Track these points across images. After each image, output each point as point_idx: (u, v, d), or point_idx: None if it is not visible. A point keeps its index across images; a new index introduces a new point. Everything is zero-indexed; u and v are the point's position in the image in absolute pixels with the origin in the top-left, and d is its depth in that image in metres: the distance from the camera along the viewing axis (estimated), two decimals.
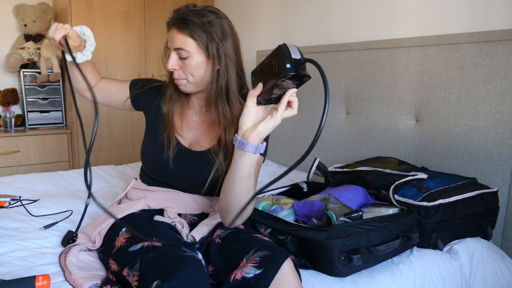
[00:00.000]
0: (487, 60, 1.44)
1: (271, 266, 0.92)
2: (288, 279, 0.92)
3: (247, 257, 0.96)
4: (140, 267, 0.93)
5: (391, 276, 1.14)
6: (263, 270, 0.92)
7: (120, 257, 1.01)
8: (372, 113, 1.84)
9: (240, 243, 1.02)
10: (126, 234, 1.07)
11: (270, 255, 0.94)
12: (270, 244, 1.00)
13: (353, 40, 2.00)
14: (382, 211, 1.26)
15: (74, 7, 2.59)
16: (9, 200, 1.55)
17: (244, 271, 0.93)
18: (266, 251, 0.96)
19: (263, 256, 0.94)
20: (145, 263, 0.93)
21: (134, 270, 0.93)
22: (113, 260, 1.03)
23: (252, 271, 0.92)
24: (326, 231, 1.08)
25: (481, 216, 1.36)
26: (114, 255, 1.03)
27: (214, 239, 1.07)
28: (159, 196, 1.22)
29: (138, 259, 0.95)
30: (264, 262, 0.93)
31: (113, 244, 1.07)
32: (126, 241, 1.05)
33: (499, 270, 1.34)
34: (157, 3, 2.90)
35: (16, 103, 2.82)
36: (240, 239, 1.03)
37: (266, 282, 0.90)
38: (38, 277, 0.89)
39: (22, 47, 2.79)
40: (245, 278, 0.92)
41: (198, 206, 1.22)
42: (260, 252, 0.96)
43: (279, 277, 0.91)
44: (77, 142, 2.74)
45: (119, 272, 0.99)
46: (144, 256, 0.94)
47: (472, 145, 1.50)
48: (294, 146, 2.28)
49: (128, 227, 0.95)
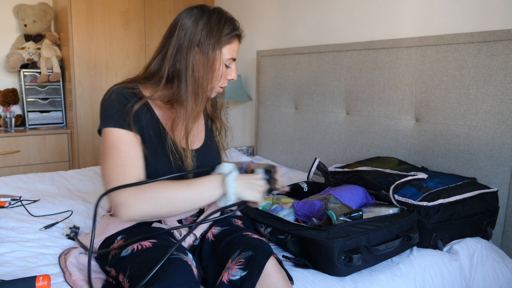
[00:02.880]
0: (487, 60, 1.44)
1: (256, 268, 0.94)
2: (271, 277, 0.94)
3: (232, 258, 0.98)
4: (129, 272, 0.93)
5: (391, 276, 1.14)
6: (248, 272, 0.93)
7: (114, 264, 1.01)
8: (372, 113, 1.84)
9: (228, 242, 1.04)
10: (120, 242, 1.06)
11: (254, 255, 0.96)
12: (255, 242, 1.01)
13: (353, 40, 2.01)
14: (382, 211, 1.26)
15: (74, 7, 2.59)
16: (9, 200, 1.56)
17: (231, 273, 0.95)
18: (250, 251, 0.97)
19: (248, 257, 0.96)
20: (133, 267, 0.93)
21: (126, 276, 0.94)
22: (109, 267, 1.03)
23: (238, 273, 0.94)
24: (326, 231, 1.08)
25: (481, 216, 1.36)
26: (110, 262, 1.03)
27: (207, 238, 1.09)
28: None
29: (128, 265, 0.95)
30: (248, 263, 0.95)
31: (109, 253, 1.06)
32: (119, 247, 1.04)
33: (499, 270, 1.34)
34: (157, 3, 2.90)
35: (16, 103, 2.82)
36: (229, 238, 1.05)
37: (251, 283, 0.92)
38: (39, 278, 0.89)
39: (22, 47, 2.79)
40: (232, 281, 0.94)
41: None
42: (245, 252, 0.97)
43: (263, 276, 0.94)
44: (77, 142, 2.75)
45: (116, 277, 0.99)
46: (133, 260, 0.95)
47: (472, 145, 1.50)
48: (294, 146, 2.28)
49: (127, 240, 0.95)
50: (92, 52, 2.70)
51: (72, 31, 2.61)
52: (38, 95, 2.79)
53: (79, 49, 2.66)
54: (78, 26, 2.63)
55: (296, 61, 2.22)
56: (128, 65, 2.85)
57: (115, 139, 1.00)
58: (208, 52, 1.06)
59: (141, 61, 2.89)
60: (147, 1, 2.85)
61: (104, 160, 0.99)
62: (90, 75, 2.72)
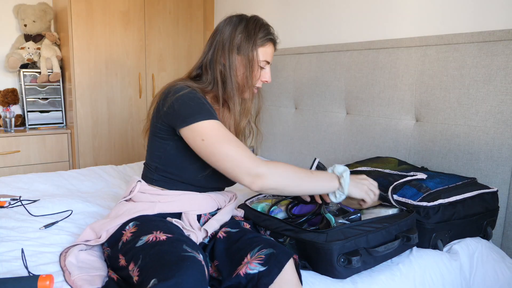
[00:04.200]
0: (487, 60, 1.44)
1: (276, 265, 0.95)
2: (287, 277, 0.95)
3: (251, 254, 0.99)
4: (141, 262, 0.94)
5: (390, 276, 1.14)
6: (268, 268, 0.95)
7: (126, 252, 1.02)
8: (372, 113, 1.84)
9: (245, 241, 1.05)
10: (132, 229, 1.08)
11: (275, 253, 0.97)
12: (275, 242, 1.03)
13: (353, 40, 2.00)
14: (381, 212, 1.26)
15: (74, 7, 2.59)
16: (9, 200, 1.55)
17: (249, 267, 0.96)
18: (271, 249, 0.99)
19: (268, 254, 0.97)
20: (146, 258, 0.94)
21: (137, 265, 0.95)
22: (122, 255, 1.03)
23: (257, 267, 0.95)
24: (325, 233, 1.07)
25: (481, 216, 1.36)
26: (121, 249, 1.04)
27: (219, 236, 1.10)
28: (177, 199, 1.19)
29: (140, 255, 0.96)
30: (269, 260, 0.96)
31: (120, 239, 1.08)
32: (132, 235, 1.05)
33: (499, 270, 1.34)
34: (157, 3, 2.90)
35: (16, 103, 2.82)
36: (246, 237, 1.06)
37: (270, 279, 0.93)
38: (42, 277, 0.89)
39: (22, 47, 2.80)
40: (249, 274, 0.95)
41: (215, 203, 1.24)
42: (266, 249, 0.98)
43: (281, 276, 0.94)
44: (77, 142, 2.75)
45: (126, 267, 1.00)
46: (147, 251, 0.96)
47: (472, 145, 1.50)
48: (294, 146, 2.28)
49: None
50: (92, 52, 2.70)
51: (72, 31, 2.61)
52: (38, 95, 2.79)
53: (79, 49, 2.66)
54: (78, 26, 2.63)
55: (296, 61, 2.22)
56: (128, 65, 2.85)
57: (222, 128, 1.11)
58: (247, 53, 1.19)
59: (141, 60, 2.90)
60: (147, 1, 2.85)
61: (223, 147, 1.07)
62: (90, 75, 2.72)
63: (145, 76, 2.93)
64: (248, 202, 1.41)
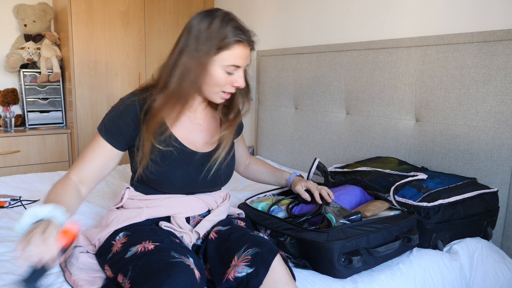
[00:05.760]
0: (487, 60, 1.44)
1: (262, 265, 0.95)
2: (276, 273, 0.95)
3: (238, 254, 0.99)
4: (131, 274, 0.93)
5: (391, 276, 1.14)
6: (255, 269, 0.95)
7: (114, 263, 1.00)
8: (372, 113, 1.84)
9: (233, 241, 1.04)
10: (123, 239, 1.06)
11: (260, 252, 0.97)
12: (260, 240, 1.01)
13: (353, 40, 2.00)
14: (382, 213, 1.26)
15: (74, 7, 2.59)
16: (9, 200, 1.56)
17: (237, 270, 0.95)
18: (256, 248, 0.98)
19: (254, 254, 0.97)
20: (136, 269, 0.93)
21: (127, 277, 0.94)
22: (108, 266, 1.02)
23: (245, 270, 0.95)
24: (326, 233, 1.08)
25: (481, 216, 1.36)
26: (109, 260, 1.03)
27: (211, 237, 1.09)
28: (164, 203, 1.16)
29: (130, 266, 0.95)
30: (255, 260, 0.96)
31: (110, 249, 1.06)
32: (122, 246, 1.03)
33: (499, 270, 1.34)
34: (157, 3, 2.90)
35: (16, 103, 2.82)
36: (234, 236, 1.05)
37: (258, 280, 0.93)
38: None
39: (22, 47, 2.79)
40: (238, 277, 0.95)
41: (204, 205, 1.21)
42: (251, 249, 0.98)
43: (269, 275, 0.95)
44: (77, 142, 2.74)
45: (114, 278, 0.99)
46: (136, 262, 0.95)
47: (472, 145, 1.50)
48: (294, 146, 2.28)
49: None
50: (92, 52, 2.70)
51: (72, 31, 2.61)
52: (38, 95, 2.79)
53: (79, 49, 2.66)
54: (78, 26, 2.63)
55: (296, 61, 2.22)
56: (128, 65, 2.85)
57: (94, 144, 1.13)
58: (200, 56, 1.05)
59: (141, 60, 2.90)
60: (147, 1, 2.85)
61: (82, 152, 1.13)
62: (90, 75, 2.72)
63: (145, 76, 2.93)
64: (248, 202, 1.42)
